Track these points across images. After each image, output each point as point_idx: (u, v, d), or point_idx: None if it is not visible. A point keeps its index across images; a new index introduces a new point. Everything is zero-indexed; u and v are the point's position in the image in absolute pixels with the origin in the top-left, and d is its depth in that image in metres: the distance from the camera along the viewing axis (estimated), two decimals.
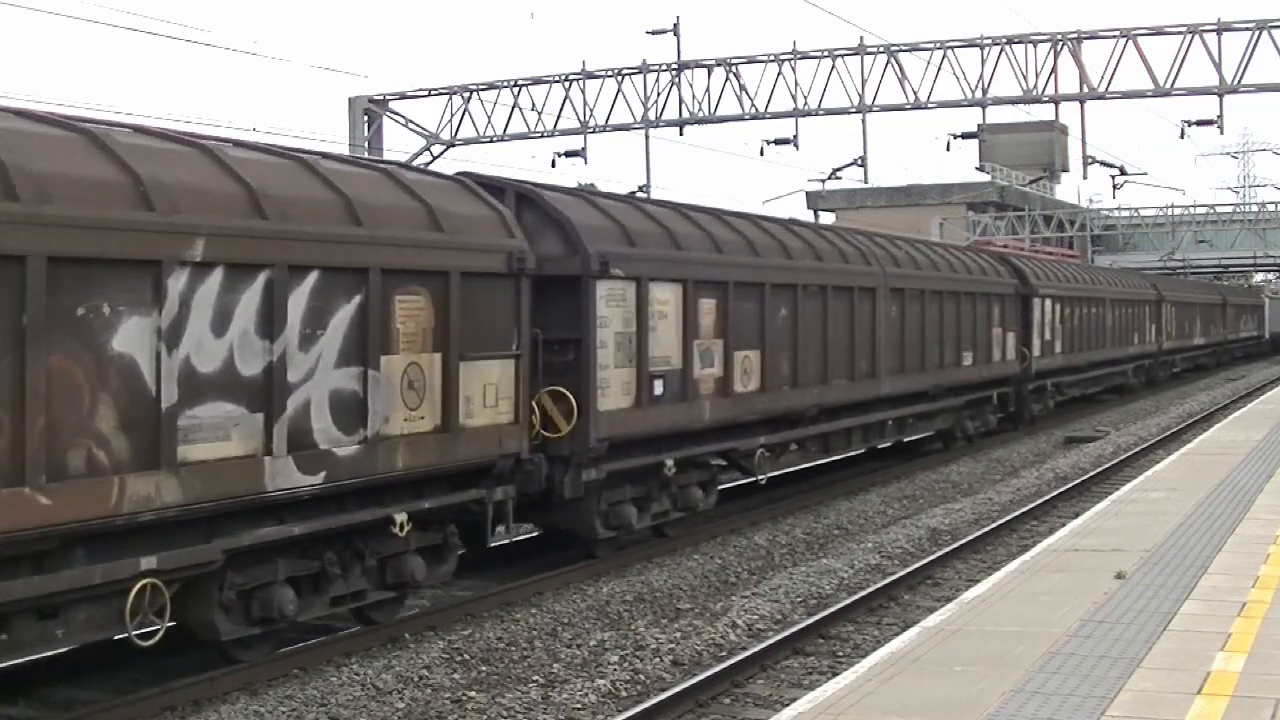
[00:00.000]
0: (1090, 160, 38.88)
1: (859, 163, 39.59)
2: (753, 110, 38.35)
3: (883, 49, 37.10)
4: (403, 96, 43.25)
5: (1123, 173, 48.82)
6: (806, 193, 66.65)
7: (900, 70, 36.84)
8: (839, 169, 43.11)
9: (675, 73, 39.07)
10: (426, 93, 42.87)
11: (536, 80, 40.82)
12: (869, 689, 8.07)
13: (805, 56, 37.82)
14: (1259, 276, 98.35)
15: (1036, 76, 35.94)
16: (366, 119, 42.89)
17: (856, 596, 13.28)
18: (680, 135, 39.89)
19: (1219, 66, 34.09)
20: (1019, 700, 7.66)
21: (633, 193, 30.75)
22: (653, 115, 39.30)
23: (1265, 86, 34.42)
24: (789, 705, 8.30)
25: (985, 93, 36.44)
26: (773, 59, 38.03)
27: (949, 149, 47.16)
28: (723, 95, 38.47)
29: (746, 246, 17.60)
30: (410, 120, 42.98)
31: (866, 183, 44.31)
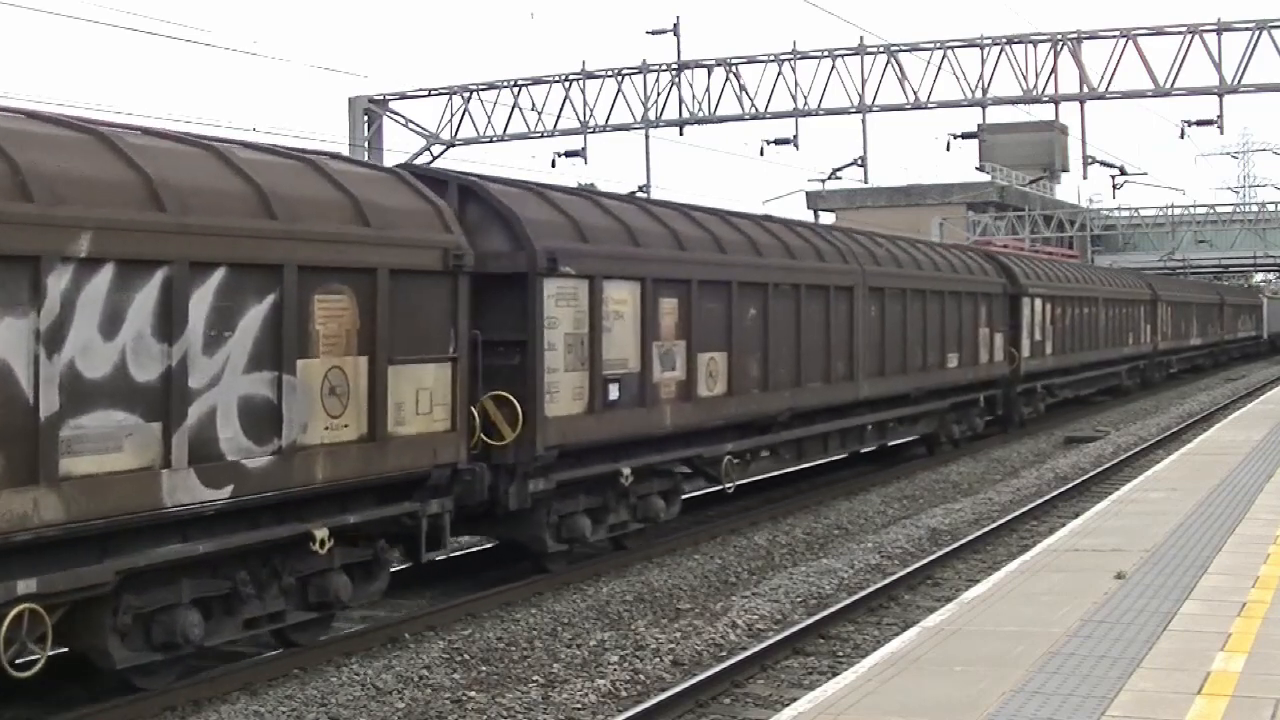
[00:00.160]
0: (1090, 160, 38.92)
1: (859, 163, 39.62)
2: (753, 110, 38.36)
3: (883, 49, 37.11)
4: (403, 96, 43.25)
5: (1123, 173, 48.86)
6: (806, 193, 66.77)
7: (900, 70, 36.86)
8: (839, 169, 43.18)
9: (675, 73, 39.08)
10: (426, 93, 42.88)
11: (536, 80, 40.83)
12: (869, 689, 8.07)
13: (805, 56, 37.83)
14: (1259, 276, 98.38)
15: (1036, 76, 35.98)
16: (366, 119, 42.87)
17: (856, 596, 13.29)
18: (680, 135, 39.97)
19: (1219, 66, 34.10)
20: (1019, 700, 7.66)
21: (633, 193, 30.72)
22: (653, 115, 39.31)
23: (1265, 86, 34.43)
24: (789, 705, 8.31)
25: (985, 93, 36.44)
26: (773, 59, 38.05)
27: (949, 149, 47.18)
28: (723, 95, 38.54)
29: (712, 243, 16.86)
30: (410, 120, 42.99)
31: (866, 183, 44.42)
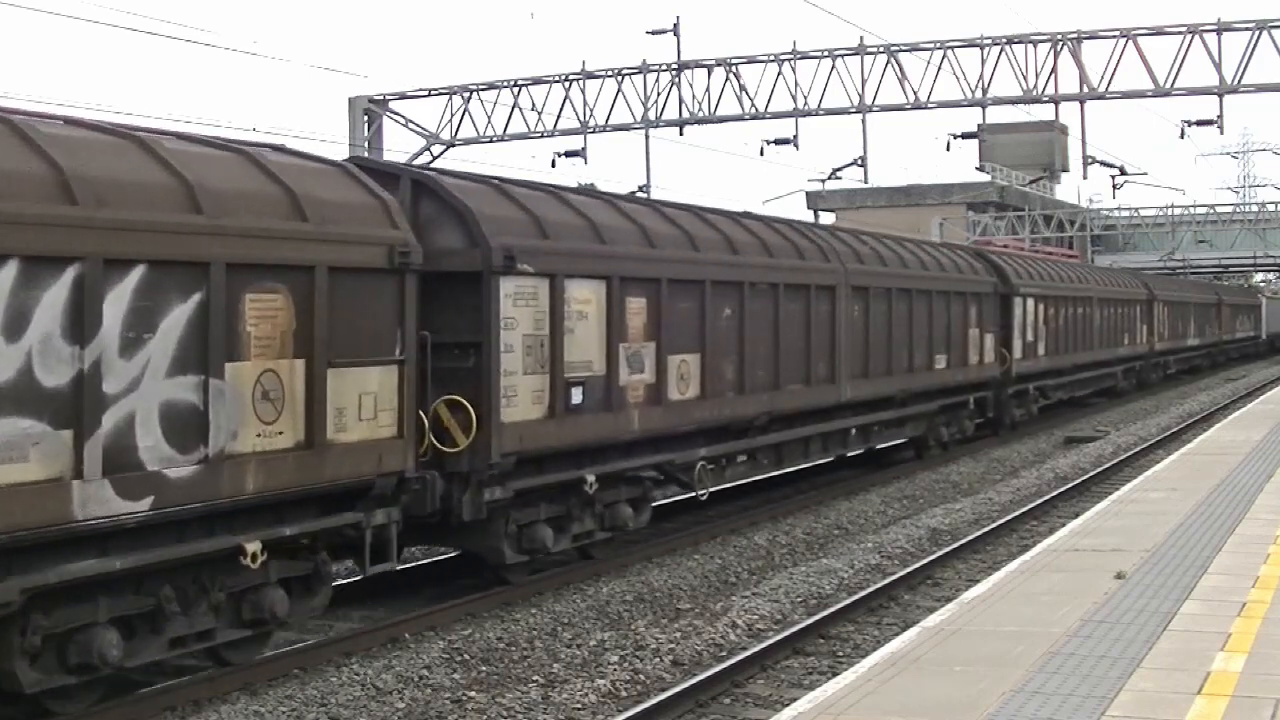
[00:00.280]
0: (1090, 160, 38.93)
1: (859, 163, 39.64)
2: (753, 110, 38.38)
3: (883, 49, 37.13)
4: (403, 96, 43.28)
5: (1123, 173, 48.87)
6: (806, 193, 66.77)
7: (900, 70, 36.87)
8: (839, 169, 43.20)
9: (675, 73, 39.09)
10: (426, 93, 42.90)
11: (536, 80, 40.86)
12: (869, 689, 8.08)
13: (805, 56, 37.85)
14: (1259, 276, 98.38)
15: (1036, 76, 36.00)
16: (366, 119, 42.90)
17: (856, 596, 13.29)
18: (680, 135, 40.02)
19: (1219, 66, 34.12)
20: (1019, 700, 7.66)
21: (633, 193, 30.71)
22: (653, 115, 39.33)
23: (1265, 86, 34.45)
24: (789, 705, 8.31)
25: (985, 93, 36.47)
26: (773, 59, 38.06)
27: (949, 149, 47.25)
28: (723, 95, 38.58)
29: (684, 240, 16.15)
30: (410, 120, 43.02)
31: (866, 183, 44.44)
